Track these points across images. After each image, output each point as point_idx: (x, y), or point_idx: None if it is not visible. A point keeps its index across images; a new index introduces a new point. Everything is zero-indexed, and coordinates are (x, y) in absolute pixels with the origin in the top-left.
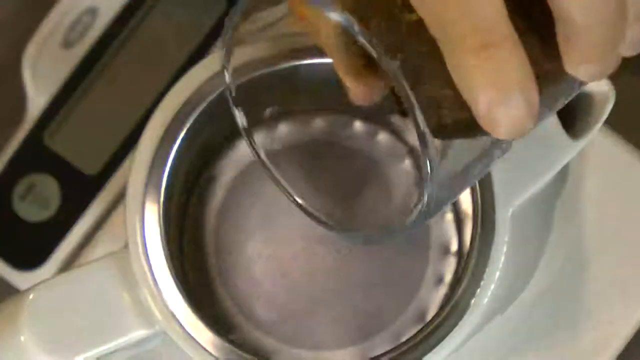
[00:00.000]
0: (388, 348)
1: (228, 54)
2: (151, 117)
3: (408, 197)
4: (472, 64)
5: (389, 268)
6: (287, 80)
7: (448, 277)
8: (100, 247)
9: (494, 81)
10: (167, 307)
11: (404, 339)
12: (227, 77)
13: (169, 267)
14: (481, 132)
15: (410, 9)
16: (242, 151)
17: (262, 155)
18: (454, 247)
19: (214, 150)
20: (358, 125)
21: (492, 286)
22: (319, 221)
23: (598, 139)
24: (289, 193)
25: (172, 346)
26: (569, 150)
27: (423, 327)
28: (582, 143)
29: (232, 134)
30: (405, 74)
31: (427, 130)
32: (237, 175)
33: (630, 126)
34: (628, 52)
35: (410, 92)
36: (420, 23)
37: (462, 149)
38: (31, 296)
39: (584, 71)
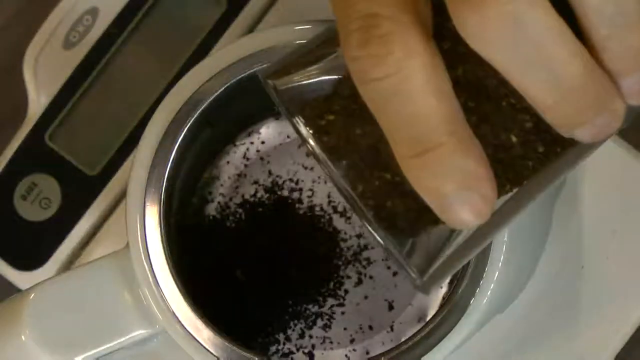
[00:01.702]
0: (388, 348)
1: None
2: (151, 117)
3: None
4: (411, 171)
5: (388, 268)
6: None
7: None
8: (101, 247)
9: (434, 186)
10: (167, 306)
11: (404, 339)
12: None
13: (169, 266)
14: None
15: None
16: (242, 151)
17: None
18: None
19: (214, 150)
20: None
21: (492, 286)
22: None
23: None
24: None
25: (172, 346)
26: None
27: (423, 327)
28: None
29: (232, 134)
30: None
31: (404, 261)
32: (237, 175)
33: (630, 126)
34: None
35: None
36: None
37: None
38: (32, 296)
39: (581, 133)
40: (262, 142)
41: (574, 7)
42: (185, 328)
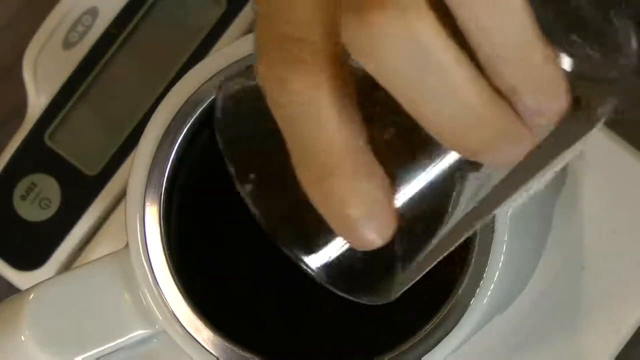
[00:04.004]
0: (388, 347)
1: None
2: (151, 117)
3: None
4: (313, 195)
5: None
6: None
7: (448, 276)
8: (100, 247)
9: (331, 211)
10: (167, 306)
11: (404, 339)
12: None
13: (169, 267)
14: None
15: None
16: None
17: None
18: None
19: (214, 150)
20: None
21: (492, 286)
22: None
23: (597, 138)
24: None
25: (172, 346)
26: (570, 151)
27: (423, 327)
28: (582, 145)
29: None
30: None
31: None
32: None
33: (630, 126)
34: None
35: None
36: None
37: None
38: (31, 296)
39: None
40: None
41: (464, 30)
42: (185, 328)
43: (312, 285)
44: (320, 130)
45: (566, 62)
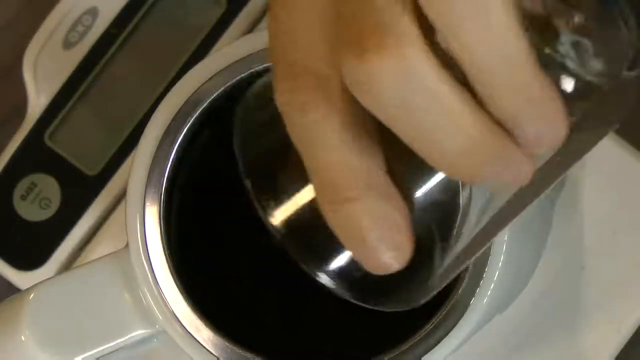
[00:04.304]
0: (388, 347)
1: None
2: (151, 117)
3: None
4: (330, 217)
5: None
6: None
7: None
8: (100, 247)
9: (349, 235)
10: (167, 306)
11: (404, 339)
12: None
13: (169, 266)
14: None
15: None
16: None
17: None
18: None
19: (214, 150)
20: None
21: (492, 286)
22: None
23: None
24: None
25: (172, 346)
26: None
27: (423, 327)
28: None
29: (232, 134)
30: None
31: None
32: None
33: (630, 126)
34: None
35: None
36: None
37: None
38: (31, 296)
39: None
40: None
41: (459, 60)
42: (185, 328)
43: (312, 285)
44: (332, 156)
45: (565, 84)
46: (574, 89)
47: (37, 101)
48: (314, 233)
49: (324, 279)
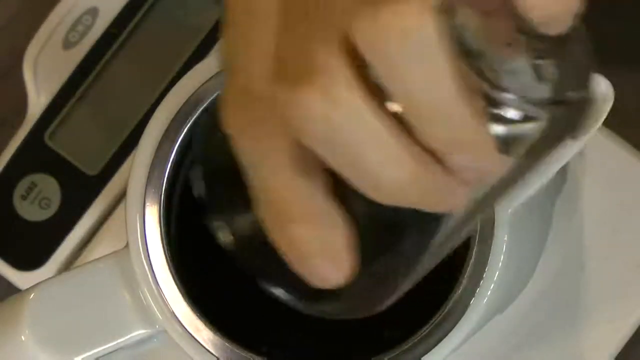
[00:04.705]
0: (388, 347)
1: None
2: (151, 117)
3: None
4: (274, 237)
5: None
6: None
7: (448, 276)
8: (100, 247)
9: (292, 254)
10: (167, 306)
11: (404, 339)
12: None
13: (169, 266)
14: None
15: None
16: None
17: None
18: None
19: (214, 150)
20: None
21: (492, 286)
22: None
23: (597, 138)
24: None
25: (172, 346)
26: (568, 150)
27: (423, 327)
28: (581, 143)
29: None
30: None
31: None
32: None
33: (630, 126)
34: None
35: None
36: None
37: None
38: (31, 296)
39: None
40: None
41: (392, 96)
42: (185, 328)
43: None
44: (277, 180)
45: (503, 120)
46: (514, 122)
47: (37, 101)
48: (261, 250)
49: (277, 292)
